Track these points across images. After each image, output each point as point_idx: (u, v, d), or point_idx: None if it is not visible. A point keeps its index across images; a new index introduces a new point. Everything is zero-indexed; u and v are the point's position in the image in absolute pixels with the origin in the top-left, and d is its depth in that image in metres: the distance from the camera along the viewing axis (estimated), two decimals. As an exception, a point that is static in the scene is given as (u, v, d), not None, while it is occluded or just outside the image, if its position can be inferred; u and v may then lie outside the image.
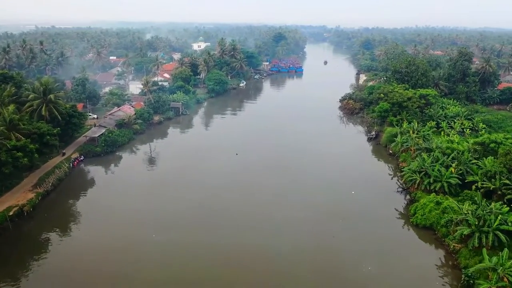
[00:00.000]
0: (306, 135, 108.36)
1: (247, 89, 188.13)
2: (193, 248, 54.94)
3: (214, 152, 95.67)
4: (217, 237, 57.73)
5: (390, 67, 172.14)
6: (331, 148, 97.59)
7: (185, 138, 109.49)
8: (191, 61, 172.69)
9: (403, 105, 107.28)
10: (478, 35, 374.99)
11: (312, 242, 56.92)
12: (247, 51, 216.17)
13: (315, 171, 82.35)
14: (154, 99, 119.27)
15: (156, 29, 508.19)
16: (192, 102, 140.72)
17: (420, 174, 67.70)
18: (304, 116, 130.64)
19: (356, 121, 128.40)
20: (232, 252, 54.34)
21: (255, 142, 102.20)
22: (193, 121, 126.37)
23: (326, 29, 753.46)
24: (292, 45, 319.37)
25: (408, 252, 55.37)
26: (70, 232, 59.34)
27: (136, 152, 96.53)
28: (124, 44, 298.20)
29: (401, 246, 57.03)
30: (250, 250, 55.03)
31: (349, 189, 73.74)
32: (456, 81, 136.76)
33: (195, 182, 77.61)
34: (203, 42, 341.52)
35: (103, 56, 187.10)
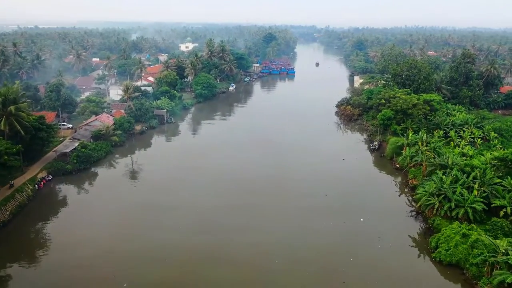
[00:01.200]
0: (302, 146, 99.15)
1: (237, 92, 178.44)
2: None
3: (202, 164, 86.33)
4: (211, 277, 48.28)
5: (388, 70, 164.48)
6: (331, 163, 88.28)
7: (170, 149, 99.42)
8: (177, 63, 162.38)
9: (408, 113, 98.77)
10: (470, 35, 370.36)
11: (319, 285, 47.71)
12: (236, 52, 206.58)
13: (316, 194, 72.56)
14: (136, 107, 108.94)
15: (143, 29, 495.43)
16: (178, 108, 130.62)
17: (439, 197, 58.82)
18: (299, 123, 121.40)
19: (355, 128, 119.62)
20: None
21: (245, 157, 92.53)
22: (179, 129, 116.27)
23: (316, 29, 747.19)
24: (282, 46, 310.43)
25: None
26: (29, 271, 49.19)
27: (115, 167, 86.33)
28: (108, 45, 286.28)
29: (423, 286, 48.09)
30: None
31: (355, 214, 64.45)
32: (458, 84, 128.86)
33: (181, 202, 68.15)
34: (191, 42, 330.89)
35: (83, 58, 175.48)
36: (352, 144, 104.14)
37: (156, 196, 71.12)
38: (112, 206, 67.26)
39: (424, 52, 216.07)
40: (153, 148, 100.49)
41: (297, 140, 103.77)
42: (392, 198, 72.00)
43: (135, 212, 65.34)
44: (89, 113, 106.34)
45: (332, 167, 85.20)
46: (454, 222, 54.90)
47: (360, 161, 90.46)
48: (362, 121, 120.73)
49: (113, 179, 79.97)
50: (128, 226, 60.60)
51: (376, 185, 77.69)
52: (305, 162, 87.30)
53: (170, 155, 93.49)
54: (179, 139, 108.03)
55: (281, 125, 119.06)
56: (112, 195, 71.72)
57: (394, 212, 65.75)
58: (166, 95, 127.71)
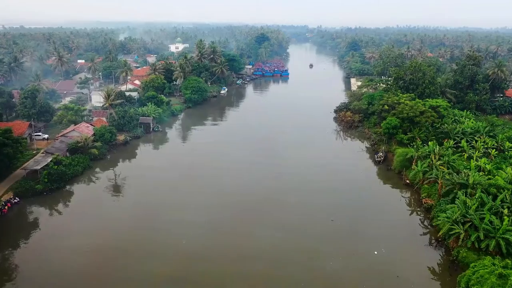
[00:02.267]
0: (301, 160, 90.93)
1: (228, 96, 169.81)
2: None
3: (191, 178, 78.33)
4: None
5: (388, 72, 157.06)
6: (334, 179, 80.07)
7: (157, 161, 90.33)
8: (165, 66, 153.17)
9: (415, 121, 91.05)
10: (465, 35, 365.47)
11: None
12: (228, 53, 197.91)
13: (320, 219, 64.05)
14: (119, 115, 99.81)
15: (132, 29, 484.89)
16: (166, 114, 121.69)
17: (465, 225, 50.87)
18: (296, 130, 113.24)
19: (355, 135, 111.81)
20: None
21: (237, 174, 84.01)
22: (167, 138, 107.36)
23: (308, 29, 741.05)
24: (275, 47, 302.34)
25: None
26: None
27: (94, 183, 77.37)
28: (94, 46, 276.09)
29: None
30: None
31: (367, 244, 56.16)
32: (463, 88, 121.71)
33: (168, 223, 60.23)
34: (181, 43, 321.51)
35: (66, 60, 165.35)
36: (355, 154, 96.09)
37: (141, 215, 63.54)
38: (90, 228, 59.13)
39: (423, 52, 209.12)
40: (137, 160, 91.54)
41: (295, 152, 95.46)
42: (405, 221, 63.92)
43: (117, 235, 57.75)
44: (67, 122, 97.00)
45: (336, 185, 76.84)
46: (484, 257, 46.98)
47: (365, 176, 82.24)
48: (363, 128, 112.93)
49: (91, 197, 71.10)
50: (110, 252, 53.10)
51: (386, 205, 69.58)
52: (305, 179, 78.86)
53: (156, 168, 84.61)
54: (166, 149, 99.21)
55: (277, 133, 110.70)
56: (90, 216, 63.37)
57: (410, 239, 57.72)
58: (153, 101, 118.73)
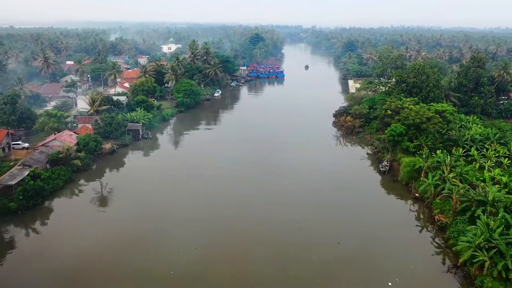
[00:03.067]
0: (300, 170, 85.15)
1: (222, 99, 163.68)
2: None
3: (182, 190, 72.65)
4: None
5: (388, 74, 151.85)
6: (336, 191, 74.29)
7: (145, 172, 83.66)
8: (156, 68, 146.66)
9: (421, 128, 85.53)
10: (462, 35, 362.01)
11: None
12: (222, 55, 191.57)
13: (325, 241, 57.97)
14: (105, 122, 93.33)
15: (124, 29, 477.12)
16: (156, 120, 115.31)
17: (489, 252, 45.28)
18: (294, 136, 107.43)
19: (356, 141, 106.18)
20: None
21: (232, 185, 78.07)
22: (157, 146, 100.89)
23: (302, 29, 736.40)
24: (270, 47, 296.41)
25: None
26: None
27: (76, 198, 70.98)
28: (84, 47, 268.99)
29: None
30: None
31: (379, 272, 50.26)
32: (468, 91, 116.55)
33: (157, 241, 54.22)
34: (173, 43, 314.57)
35: (52, 62, 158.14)
36: (357, 163, 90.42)
37: (128, 233, 57.68)
38: (71, 249, 53.23)
39: (420, 53, 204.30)
40: (124, 171, 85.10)
41: (294, 161, 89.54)
42: (417, 240, 58.27)
43: (101, 257, 52.02)
44: (49, 129, 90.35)
45: (340, 198, 70.99)
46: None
47: (371, 188, 76.41)
48: (365, 134, 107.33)
49: (73, 214, 64.74)
50: (94, 275, 47.84)
51: (395, 221, 63.82)
52: (307, 193, 73.02)
53: (145, 179, 78.31)
54: (156, 158, 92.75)
55: (274, 140, 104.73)
56: (71, 235, 57.54)
57: (425, 263, 52.01)
58: (143, 106, 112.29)
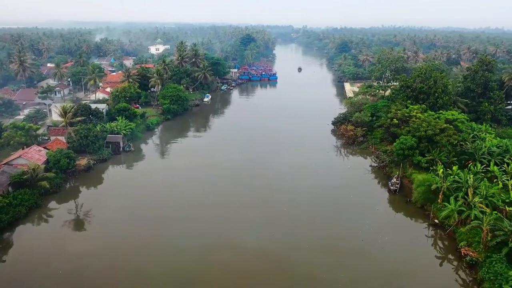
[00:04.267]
0: (300, 188, 76.06)
1: (213, 104, 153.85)
2: None
3: (167, 217, 63.15)
4: None
5: (387, 77, 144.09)
6: (343, 215, 65.36)
7: (126, 190, 73.64)
8: (140, 72, 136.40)
9: (434, 140, 76.90)
10: (456, 35, 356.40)
11: None
12: (212, 57, 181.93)
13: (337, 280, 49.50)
14: (80, 134, 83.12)
15: (111, 29, 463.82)
16: (140, 129, 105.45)
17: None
18: (290, 146, 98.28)
19: (358, 152, 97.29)
20: None
21: (225, 210, 68.69)
22: (140, 159, 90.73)
23: (293, 29, 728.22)
24: (261, 48, 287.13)
25: None
26: None
27: (41, 227, 61.10)
28: (67, 48, 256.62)
29: None
30: None
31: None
32: (475, 96, 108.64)
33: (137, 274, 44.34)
34: (161, 44, 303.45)
35: (28, 65, 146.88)
36: (361, 178, 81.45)
37: (99, 269, 47.74)
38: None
39: (418, 55, 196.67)
40: (101, 191, 75.03)
41: (292, 179, 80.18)
42: (444, 282, 49.37)
43: None
44: (15, 144, 79.93)
45: (349, 229, 61.88)
46: None
47: (383, 212, 67.30)
48: (368, 144, 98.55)
49: (36, 249, 54.99)
50: None
51: (414, 257, 54.69)
52: (309, 222, 63.82)
53: (126, 199, 68.70)
54: (139, 173, 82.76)
55: (269, 153, 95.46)
56: (31, 275, 47.46)
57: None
58: (124, 114, 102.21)
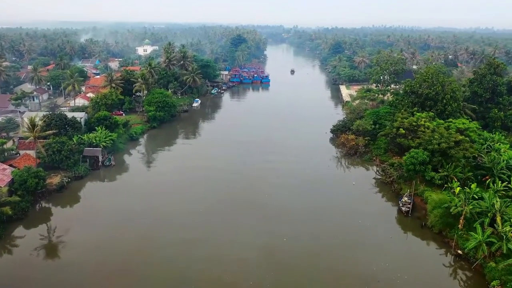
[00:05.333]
0: (299, 211, 67.88)
1: (202, 109, 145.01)
2: None
3: (150, 235, 54.77)
4: None
5: (387, 80, 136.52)
6: (350, 242, 57.32)
7: (106, 211, 64.64)
8: (124, 76, 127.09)
9: (448, 154, 69.22)
10: (450, 36, 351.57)
11: None
12: (201, 58, 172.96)
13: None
14: (53, 149, 73.87)
15: (99, 30, 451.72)
16: (122, 139, 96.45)
17: None
18: (287, 158, 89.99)
19: (360, 163, 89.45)
20: None
21: (216, 238, 60.22)
22: (121, 175, 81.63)
23: (284, 29, 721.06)
24: (253, 49, 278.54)
25: None
26: None
27: (3, 260, 51.97)
28: (51, 49, 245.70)
29: None
30: None
31: None
32: (483, 102, 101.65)
33: None
34: (149, 45, 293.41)
35: (3, 69, 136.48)
36: (367, 196, 73.55)
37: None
38: None
39: (416, 56, 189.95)
40: (77, 212, 65.85)
41: (288, 198, 72.13)
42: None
43: None
44: (-22, 161, 70.52)
45: (359, 264, 53.85)
46: None
47: (397, 239, 59.30)
48: (371, 155, 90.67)
49: None
50: None
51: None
52: (313, 250, 55.78)
53: (103, 223, 59.92)
54: (119, 192, 73.47)
55: (262, 159, 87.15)
56: None
57: None
58: (105, 124, 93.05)
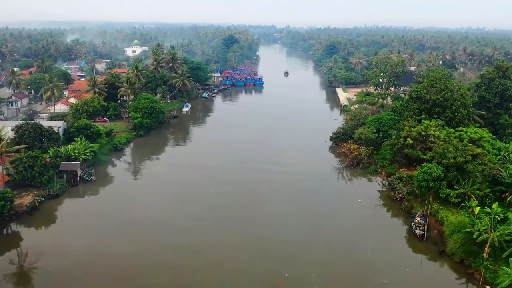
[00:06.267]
0: (299, 235, 60.74)
1: (193, 114, 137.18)
2: None
3: (129, 263, 46.62)
4: None
5: (387, 83, 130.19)
6: (359, 274, 50.36)
7: (84, 234, 56.93)
8: (109, 80, 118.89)
9: (465, 169, 62.45)
10: (445, 36, 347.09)
11: None
12: (191, 60, 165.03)
13: None
14: (23, 165, 65.79)
15: (87, 30, 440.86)
16: (105, 150, 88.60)
17: None
18: (282, 171, 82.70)
19: (364, 175, 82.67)
20: None
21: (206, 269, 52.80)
22: (101, 192, 73.65)
23: (276, 29, 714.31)
24: (245, 50, 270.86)
25: None
26: None
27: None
28: (35, 50, 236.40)
29: None
30: None
31: None
32: (491, 107, 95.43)
33: None
34: (138, 46, 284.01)
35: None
36: (374, 215, 66.63)
37: None
38: None
39: (414, 57, 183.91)
40: (49, 238, 57.96)
41: (287, 221, 64.98)
42: None
43: None
44: None
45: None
46: None
47: (413, 272, 52.24)
48: (376, 167, 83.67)
49: None
50: None
51: None
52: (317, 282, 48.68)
53: (79, 251, 52.18)
54: (99, 212, 65.69)
55: (257, 170, 79.87)
56: None
57: None
58: (85, 133, 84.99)
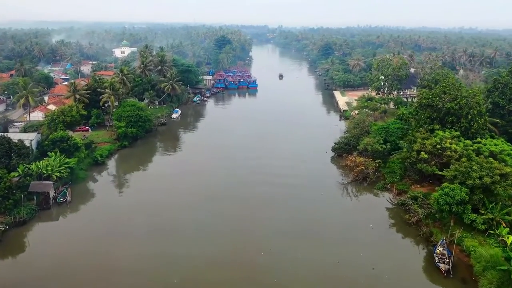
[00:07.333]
0: (301, 270, 52.51)
1: (183, 121, 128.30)
2: None
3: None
4: None
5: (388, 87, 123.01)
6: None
7: (54, 273, 48.22)
8: (92, 84, 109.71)
9: (493, 190, 54.71)
10: (442, 37, 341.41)
11: None
12: (182, 63, 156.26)
13: None
14: (-17, 189, 56.86)
15: (76, 30, 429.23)
16: (84, 165, 79.66)
17: None
18: (279, 188, 74.32)
19: (369, 190, 74.72)
20: None
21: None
22: (77, 215, 64.79)
23: (268, 29, 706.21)
24: (238, 50, 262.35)
25: None
26: None
27: None
28: (18, 52, 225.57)
29: None
30: None
31: None
32: (506, 114, 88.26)
33: None
34: (127, 46, 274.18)
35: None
36: (388, 242, 58.62)
37: None
38: None
39: (414, 59, 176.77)
40: (14, 274, 49.08)
41: (288, 249, 56.72)
42: None
43: None
44: None
45: None
46: None
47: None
48: (385, 183, 75.60)
49: None
50: None
51: None
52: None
53: None
54: (75, 240, 56.81)
55: (254, 183, 71.48)
56: None
57: None
58: (62, 146, 76.01)
